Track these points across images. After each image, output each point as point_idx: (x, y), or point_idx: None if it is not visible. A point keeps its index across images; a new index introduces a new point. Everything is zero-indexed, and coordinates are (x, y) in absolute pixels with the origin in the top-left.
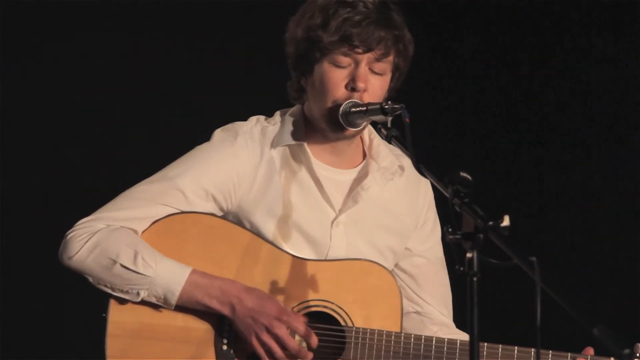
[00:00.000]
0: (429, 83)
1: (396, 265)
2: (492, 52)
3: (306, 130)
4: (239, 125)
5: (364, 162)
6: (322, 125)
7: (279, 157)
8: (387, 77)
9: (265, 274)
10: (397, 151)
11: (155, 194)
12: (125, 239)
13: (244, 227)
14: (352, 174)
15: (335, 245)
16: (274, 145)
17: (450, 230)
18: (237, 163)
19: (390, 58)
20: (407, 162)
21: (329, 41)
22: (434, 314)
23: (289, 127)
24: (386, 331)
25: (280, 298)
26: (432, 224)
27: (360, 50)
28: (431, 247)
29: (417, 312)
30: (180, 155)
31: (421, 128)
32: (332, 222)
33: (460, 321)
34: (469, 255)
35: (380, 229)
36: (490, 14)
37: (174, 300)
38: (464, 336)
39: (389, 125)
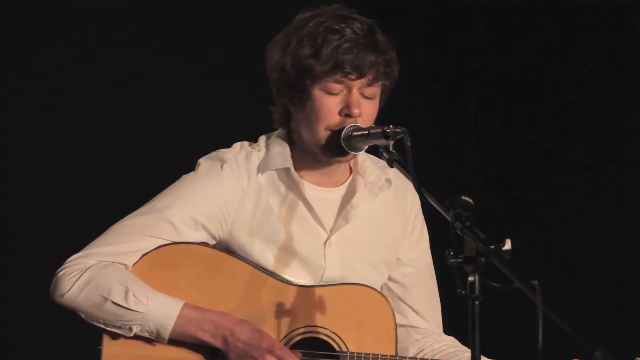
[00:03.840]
0: (429, 103)
1: (387, 277)
2: (493, 66)
3: (293, 153)
4: (223, 152)
5: (350, 178)
6: (316, 150)
7: (267, 183)
8: (377, 100)
9: (259, 302)
10: (382, 163)
11: (143, 226)
12: (115, 275)
13: (236, 255)
14: (341, 190)
15: (329, 265)
16: (260, 170)
17: (452, 253)
18: (225, 191)
19: (380, 82)
20: (393, 173)
21: (322, 70)
22: (419, 322)
23: (275, 151)
24: (381, 355)
25: (273, 325)
26: (420, 232)
27: (353, 77)
28: (420, 254)
29: (402, 325)
30: (168, 184)
31: (422, 149)
32: (325, 243)
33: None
34: (470, 279)
35: (372, 244)
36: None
37: (166, 335)
38: (452, 344)
39: (390, 148)
